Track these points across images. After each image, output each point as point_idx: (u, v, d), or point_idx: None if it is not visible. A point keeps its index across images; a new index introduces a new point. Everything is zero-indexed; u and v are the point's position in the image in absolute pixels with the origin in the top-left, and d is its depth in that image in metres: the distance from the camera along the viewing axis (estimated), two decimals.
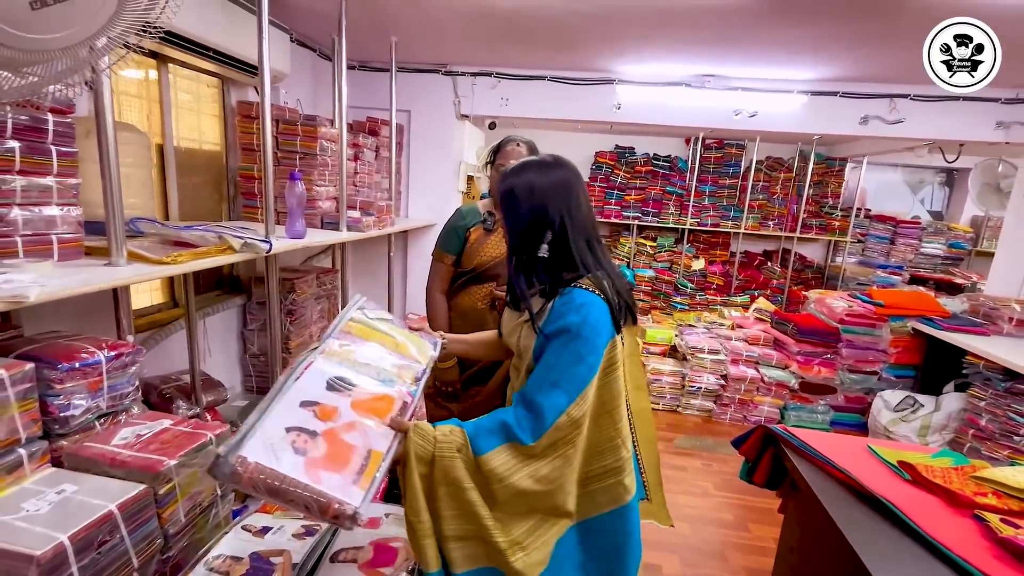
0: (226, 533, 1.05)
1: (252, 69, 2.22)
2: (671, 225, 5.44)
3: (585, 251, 1.00)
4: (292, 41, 2.69)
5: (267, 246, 1.54)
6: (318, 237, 2.10)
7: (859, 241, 5.59)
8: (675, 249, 5.56)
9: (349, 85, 3.48)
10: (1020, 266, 3.24)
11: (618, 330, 0.97)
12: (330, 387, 0.87)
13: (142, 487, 0.98)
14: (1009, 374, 2.44)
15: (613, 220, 5.49)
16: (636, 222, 5.49)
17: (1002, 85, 3.06)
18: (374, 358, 0.99)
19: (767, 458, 1.44)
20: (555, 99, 3.47)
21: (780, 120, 3.35)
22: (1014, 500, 1.05)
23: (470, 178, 4.01)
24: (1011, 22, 2.11)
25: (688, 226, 5.37)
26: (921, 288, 4.28)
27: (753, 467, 1.48)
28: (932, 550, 0.94)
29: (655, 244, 5.62)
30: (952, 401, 2.83)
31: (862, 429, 3.27)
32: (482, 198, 1.99)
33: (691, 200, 5.34)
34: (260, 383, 2.56)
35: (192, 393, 1.94)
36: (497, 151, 1.71)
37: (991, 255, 5.19)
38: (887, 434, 2.97)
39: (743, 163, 5.33)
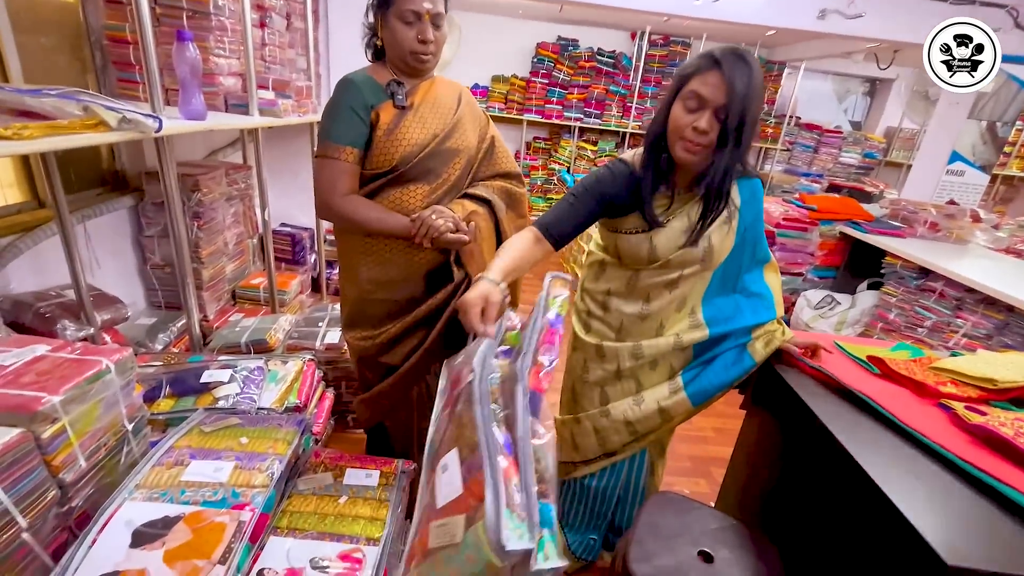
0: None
1: None
2: (613, 128, 5.25)
3: None
4: None
5: (156, 123, 1.19)
6: (223, 119, 1.71)
7: (787, 149, 5.74)
8: (615, 154, 5.42)
9: None
10: (937, 172, 3.45)
11: None
12: (136, 541, 0.79)
13: (16, 432, 0.75)
14: (923, 272, 2.65)
15: (555, 120, 5.20)
16: (577, 123, 5.25)
17: None
18: (208, 473, 0.92)
19: None
20: None
21: (739, 10, 3.15)
22: (971, 388, 1.10)
23: None
24: None
25: (630, 129, 5.21)
26: (837, 196, 4.50)
27: None
28: (909, 439, 0.96)
29: (596, 148, 5.44)
30: (866, 299, 3.07)
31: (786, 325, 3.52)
32: (379, 62, 1.34)
33: (635, 101, 5.13)
34: (168, 298, 2.22)
35: (81, 311, 1.61)
36: None
37: (899, 165, 5.57)
38: (807, 329, 3.22)
39: None
